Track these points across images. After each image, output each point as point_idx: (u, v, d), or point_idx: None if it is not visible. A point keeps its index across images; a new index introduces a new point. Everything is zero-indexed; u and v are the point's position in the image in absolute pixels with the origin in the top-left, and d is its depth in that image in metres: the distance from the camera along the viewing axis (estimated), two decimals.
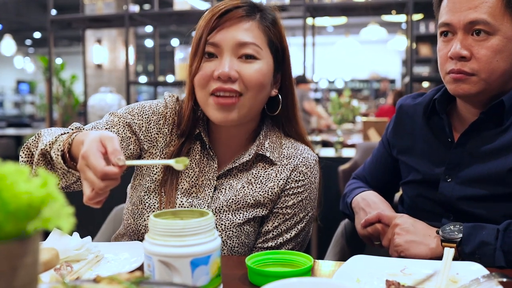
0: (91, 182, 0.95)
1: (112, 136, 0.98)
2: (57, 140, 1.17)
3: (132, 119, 1.33)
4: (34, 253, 0.55)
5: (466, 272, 1.02)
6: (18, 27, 14.50)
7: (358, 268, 1.05)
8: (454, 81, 1.27)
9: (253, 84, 1.24)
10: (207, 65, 1.25)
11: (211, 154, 1.33)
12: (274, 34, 1.31)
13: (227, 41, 1.24)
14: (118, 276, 0.69)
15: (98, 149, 0.96)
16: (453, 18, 1.25)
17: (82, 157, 0.97)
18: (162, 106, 1.36)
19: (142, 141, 1.33)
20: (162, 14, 4.99)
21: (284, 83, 1.36)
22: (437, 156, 1.36)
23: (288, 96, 1.37)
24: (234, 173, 1.33)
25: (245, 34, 1.25)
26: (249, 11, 1.28)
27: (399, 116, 1.49)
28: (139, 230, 1.30)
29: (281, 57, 1.33)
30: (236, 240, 1.28)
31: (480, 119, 1.29)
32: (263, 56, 1.27)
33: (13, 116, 16.60)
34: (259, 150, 1.32)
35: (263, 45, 1.27)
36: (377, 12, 5.20)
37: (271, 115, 1.37)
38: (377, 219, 1.32)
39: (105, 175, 0.93)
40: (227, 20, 1.25)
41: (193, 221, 0.86)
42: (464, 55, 1.24)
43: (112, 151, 0.96)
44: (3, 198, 0.50)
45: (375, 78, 15.64)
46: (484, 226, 1.18)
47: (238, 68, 1.24)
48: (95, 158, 0.94)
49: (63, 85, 7.29)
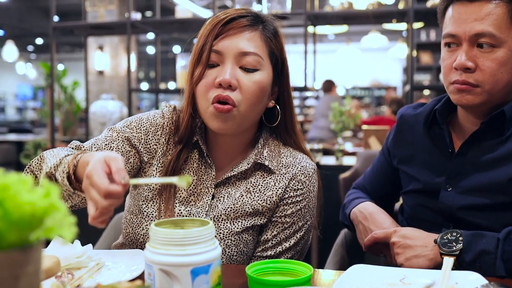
0: (95, 201, 0.96)
1: (116, 156, 1.00)
2: (61, 162, 1.17)
3: (131, 133, 1.34)
4: (36, 262, 0.55)
5: (465, 282, 1.03)
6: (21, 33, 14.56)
7: (358, 278, 1.05)
8: (458, 92, 1.28)
9: (250, 95, 1.25)
10: (209, 73, 1.26)
11: (209, 162, 1.33)
12: (275, 45, 1.32)
13: (229, 49, 1.25)
14: (118, 285, 0.70)
15: (103, 168, 0.97)
16: (458, 29, 1.26)
17: (87, 176, 0.98)
18: (159, 116, 1.38)
19: (142, 153, 1.34)
20: (164, 22, 5.00)
21: (282, 94, 1.37)
22: (437, 165, 1.36)
23: (286, 108, 1.38)
24: (233, 182, 1.34)
25: (247, 44, 1.26)
26: (252, 21, 1.29)
27: (399, 126, 1.50)
28: (137, 239, 1.30)
29: (280, 68, 1.34)
30: (235, 249, 1.28)
31: (481, 129, 1.30)
32: (264, 67, 1.28)
33: (14, 121, 16.64)
34: (258, 159, 1.32)
35: (264, 56, 1.29)
36: (378, 21, 5.21)
37: (269, 126, 1.38)
38: (374, 241, 1.33)
39: (109, 193, 0.94)
40: (231, 29, 1.27)
41: (194, 230, 0.87)
42: (469, 67, 1.24)
43: (116, 170, 0.97)
44: (6, 208, 0.51)
45: (376, 85, 15.65)
46: (484, 234, 1.18)
47: (238, 77, 1.25)
48: (98, 177, 0.95)
49: (64, 91, 7.30)
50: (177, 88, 4.42)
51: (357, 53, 11.62)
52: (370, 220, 1.40)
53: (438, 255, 1.18)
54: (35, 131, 10.08)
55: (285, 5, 4.32)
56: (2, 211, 0.51)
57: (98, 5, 4.99)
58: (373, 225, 1.38)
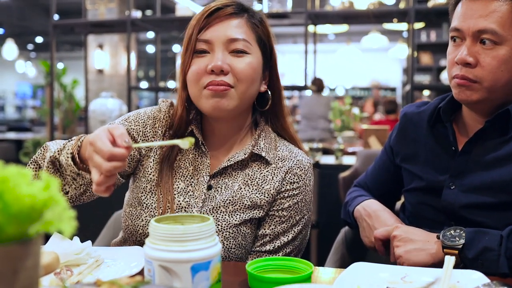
0: (98, 166, 0.99)
1: (118, 126, 1.04)
2: (65, 147, 1.21)
3: (129, 126, 1.37)
4: (35, 256, 0.55)
5: (466, 281, 1.02)
6: (20, 32, 14.53)
7: (359, 276, 1.05)
8: (457, 86, 1.28)
9: (244, 77, 1.28)
10: (200, 61, 1.29)
11: (204, 150, 1.35)
12: (262, 31, 1.36)
13: (218, 37, 1.29)
14: (118, 280, 0.69)
15: (106, 136, 1.00)
16: (463, 24, 1.26)
17: (90, 143, 1.02)
18: (156, 110, 1.41)
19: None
20: (164, 20, 5.00)
21: (271, 80, 1.40)
22: (440, 164, 1.36)
23: (275, 92, 1.41)
24: (229, 172, 1.34)
25: (235, 30, 1.30)
26: (237, 9, 1.33)
27: (403, 124, 1.50)
28: (136, 230, 1.31)
29: (269, 53, 1.38)
30: (233, 241, 1.29)
31: (485, 128, 1.29)
32: (253, 51, 1.32)
33: (14, 120, 16.62)
34: (255, 150, 1.33)
35: (252, 41, 1.32)
36: (379, 21, 5.21)
37: (260, 110, 1.41)
38: (378, 240, 1.33)
39: (112, 155, 0.97)
40: (217, 18, 1.30)
41: (194, 226, 0.87)
42: (469, 62, 1.24)
43: (119, 135, 1.00)
44: (5, 200, 0.51)
45: (376, 86, 15.65)
46: (487, 231, 1.18)
47: (230, 61, 1.28)
48: (102, 142, 0.99)
49: (64, 89, 7.28)
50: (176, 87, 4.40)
51: (357, 53, 11.61)
52: (374, 218, 1.39)
53: (440, 251, 1.17)
54: (34, 130, 10.07)
55: (285, 4, 4.31)
56: (1, 203, 0.50)
57: (98, 3, 4.98)
58: (377, 222, 1.37)
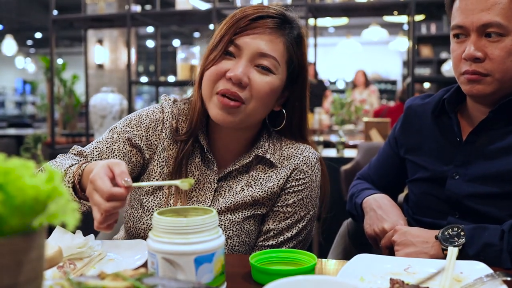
0: (98, 205, 0.97)
1: (119, 162, 1.02)
2: (66, 173, 1.19)
3: (131, 132, 1.34)
4: (39, 248, 0.54)
5: (470, 271, 1.02)
6: (20, 27, 14.50)
7: (362, 267, 1.04)
8: (468, 82, 1.27)
9: (260, 95, 1.24)
10: (223, 62, 1.25)
11: (210, 158, 1.32)
12: (296, 52, 1.31)
13: (249, 46, 1.24)
14: (122, 273, 0.69)
15: (106, 173, 0.99)
16: (466, 20, 1.25)
17: (90, 181, 1.00)
18: (158, 111, 1.37)
19: (143, 150, 1.34)
20: (164, 14, 4.98)
21: (291, 100, 1.35)
22: (445, 154, 1.36)
23: (295, 113, 1.36)
24: (234, 175, 1.33)
25: (268, 46, 1.25)
26: (279, 24, 1.27)
27: (407, 116, 1.50)
28: (138, 233, 1.30)
29: (295, 76, 1.33)
30: (237, 239, 1.28)
31: (489, 118, 1.29)
32: (279, 72, 1.27)
33: (14, 116, 16.60)
34: (259, 152, 1.32)
35: (281, 61, 1.27)
36: (379, 13, 5.19)
37: (274, 129, 1.37)
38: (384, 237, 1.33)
39: (111, 195, 0.95)
40: (258, 27, 1.25)
41: (197, 219, 0.86)
42: (478, 57, 1.24)
43: (119, 173, 0.99)
44: (9, 192, 0.50)
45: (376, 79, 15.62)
46: (486, 227, 1.17)
47: (251, 75, 1.23)
48: (102, 181, 0.97)
49: (64, 85, 7.28)
50: (177, 80, 4.40)
51: (357, 46, 11.58)
52: (383, 210, 1.38)
53: (440, 251, 1.17)
54: (34, 125, 10.07)
55: None
56: (4, 195, 0.50)
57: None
58: (385, 215, 1.36)
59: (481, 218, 1.24)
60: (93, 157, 1.31)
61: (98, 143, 1.34)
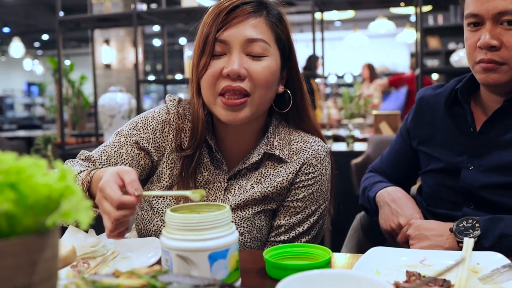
0: (108, 213, 0.96)
1: (129, 169, 1.00)
2: (75, 180, 1.18)
3: (138, 135, 1.33)
4: (53, 248, 0.54)
5: (487, 262, 1.01)
6: (27, 30, 14.59)
7: (377, 260, 1.04)
8: (484, 71, 1.26)
9: (262, 82, 1.22)
10: (215, 63, 1.23)
11: (219, 157, 1.31)
12: (281, 30, 1.29)
13: (235, 38, 1.22)
14: (137, 271, 0.68)
15: (115, 181, 0.97)
16: (480, 8, 1.23)
17: (99, 189, 0.98)
18: (164, 113, 1.36)
19: (151, 153, 1.33)
20: (170, 12, 4.98)
21: (291, 79, 1.34)
22: (458, 145, 1.35)
23: (297, 92, 1.35)
24: (244, 173, 1.32)
25: (253, 31, 1.23)
26: (256, 7, 1.26)
27: (419, 107, 1.48)
28: (149, 235, 1.29)
29: (287, 53, 1.31)
30: (248, 235, 1.27)
31: (503, 107, 1.28)
32: (271, 53, 1.25)
33: (23, 118, 16.71)
34: (268, 150, 1.30)
35: (271, 42, 1.26)
36: (386, 5, 5.15)
37: (280, 112, 1.35)
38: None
39: (122, 204, 0.94)
40: (235, 17, 1.23)
41: (210, 215, 0.86)
42: (494, 45, 1.22)
43: (130, 182, 0.97)
44: (21, 191, 0.50)
45: (384, 71, 15.54)
46: (501, 217, 1.16)
47: (247, 65, 1.22)
48: (111, 189, 0.95)
49: (72, 86, 7.30)
50: (184, 78, 4.39)
51: (365, 39, 11.52)
52: (398, 204, 1.37)
53: (455, 244, 1.16)
54: (44, 127, 10.13)
55: None
56: (17, 194, 0.49)
57: None
58: (400, 209, 1.35)
59: (496, 208, 1.22)
60: (101, 162, 1.31)
61: (105, 147, 1.33)
